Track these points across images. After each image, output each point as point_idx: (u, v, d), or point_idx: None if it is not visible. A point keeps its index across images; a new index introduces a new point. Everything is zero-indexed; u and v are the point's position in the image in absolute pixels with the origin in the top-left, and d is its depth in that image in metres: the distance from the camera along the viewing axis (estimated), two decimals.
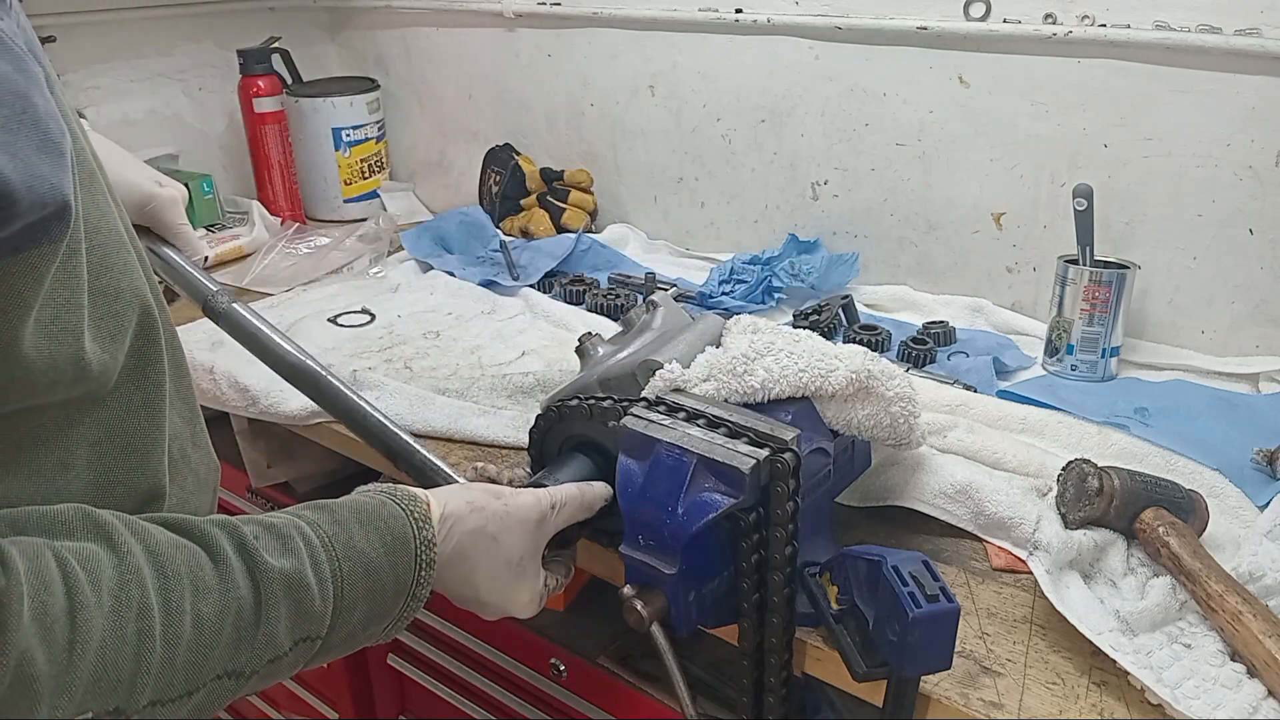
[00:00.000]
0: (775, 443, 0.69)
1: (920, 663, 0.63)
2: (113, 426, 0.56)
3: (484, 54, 1.83)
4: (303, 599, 0.55)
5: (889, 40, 1.34)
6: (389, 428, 0.85)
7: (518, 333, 1.33)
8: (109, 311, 0.54)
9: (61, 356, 0.49)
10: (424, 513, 0.64)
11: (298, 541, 0.56)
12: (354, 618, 0.59)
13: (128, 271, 0.56)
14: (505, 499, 0.69)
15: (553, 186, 1.72)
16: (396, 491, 0.65)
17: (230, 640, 0.51)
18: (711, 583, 0.71)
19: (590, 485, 0.76)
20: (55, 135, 0.45)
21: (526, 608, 0.71)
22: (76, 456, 0.54)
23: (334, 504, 0.62)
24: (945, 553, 0.85)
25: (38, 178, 0.43)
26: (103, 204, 0.56)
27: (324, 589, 0.56)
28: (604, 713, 1.02)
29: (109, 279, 0.54)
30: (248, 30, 1.90)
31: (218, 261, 1.64)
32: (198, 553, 0.52)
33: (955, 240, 1.38)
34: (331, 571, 0.57)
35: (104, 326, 0.53)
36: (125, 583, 0.47)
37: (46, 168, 0.44)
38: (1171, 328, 1.23)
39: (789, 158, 1.50)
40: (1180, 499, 0.82)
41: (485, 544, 0.67)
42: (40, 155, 0.43)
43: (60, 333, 0.49)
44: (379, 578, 0.60)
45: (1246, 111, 1.11)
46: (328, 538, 0.58)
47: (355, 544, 0.59)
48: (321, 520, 0.59)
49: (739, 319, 0.89)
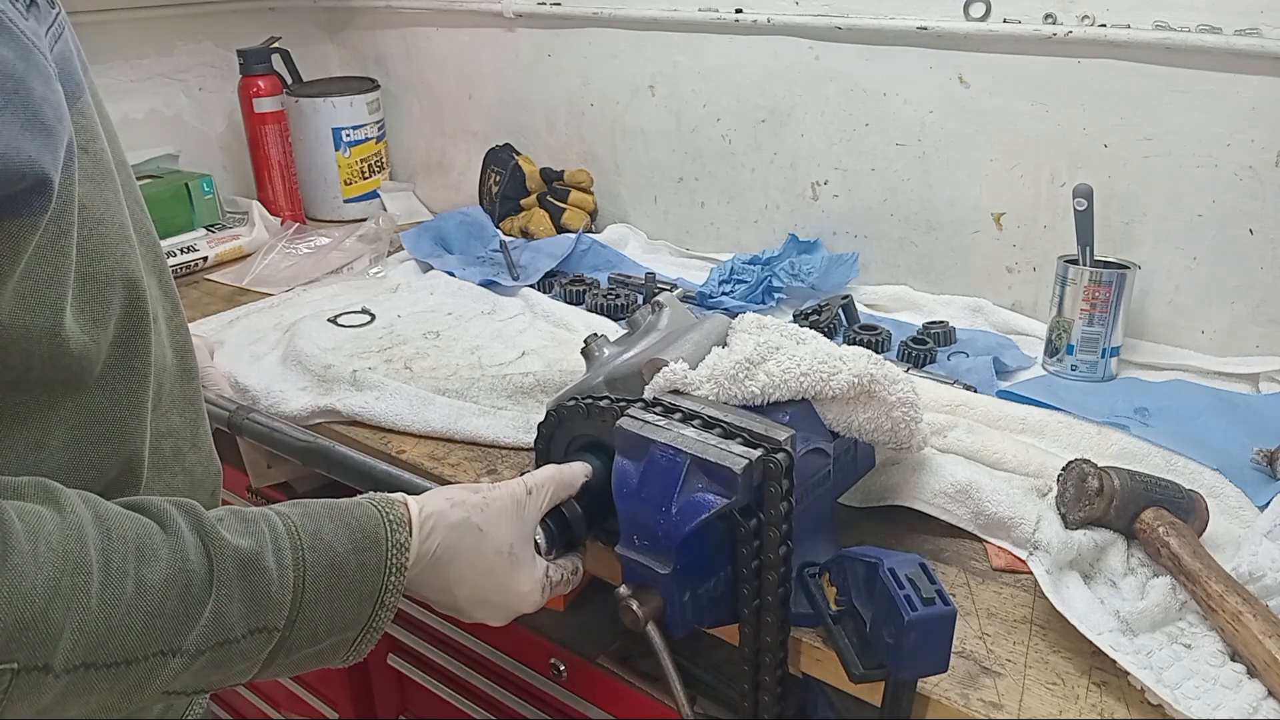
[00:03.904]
0: (769, 443, 0.69)
1: (917, 665, 0.63)
2: (93, 412, 0.56)
3: (484, 54, 1.83)
4: (258, 581, 0.54)
5: (889, 40, 1.34)
6: (401, 476, 0.90)
7: (518, 333, 1.33)
8: (97, 297, 0.55)
9: (37, 328, 0.50)
10: (399, 516, 0.63)
11: (261, 526, 0.56)
12: (316, 614, 0.57)
13: (124, 263, 0.57)
14: (483, 492, 0.70)
15: (553, 186, 1.72)
16: (376, 495, 0.65)
17: (175, 613, 0.50)
18: (707, 583, 0.71)
19: (568, 465, 0.76)
20: (48, 119, 0.47)
21: (529, 598, 0.71)
22: (52, 438, 0.54)
23: (310, 500, 0.61)
24: (945, 553, 0.85)
25: (16, 150, 0.45)
26: (112, 201, 0.57)
27: (284, 575, 0.55)
28: (604, 713, 1.01)
29: (102, 266, 0.55)
30: (248, 30, 1.90)
31: (218, 262, 1.64)
32: (148, 524, 0.52)
33: (955, 240, 1.37)
34: (294, 560, 0.56)
35: (89, 310, 0.54)
36: (66, 538, 0.47)
37: (28, 144, 0.45)
38: (1171, 328, 1.23)
39: (789, 158, 1.50)
40: (1180, 499, 0.82)
41: (472, 536, 0.67)
42: (24, 133, 0.45)
43: (39, 305, 0.50)
44: (345, 574, 0.59)
45: (1246, 111, 1.11)
46: (295, 526, 0.57)
47: (323, 536, 0.58)
48: (292, 512, 0.59)
49: (744, 317, 0.89)
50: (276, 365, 1.23)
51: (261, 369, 1.22)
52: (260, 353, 1.27)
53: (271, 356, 1.26)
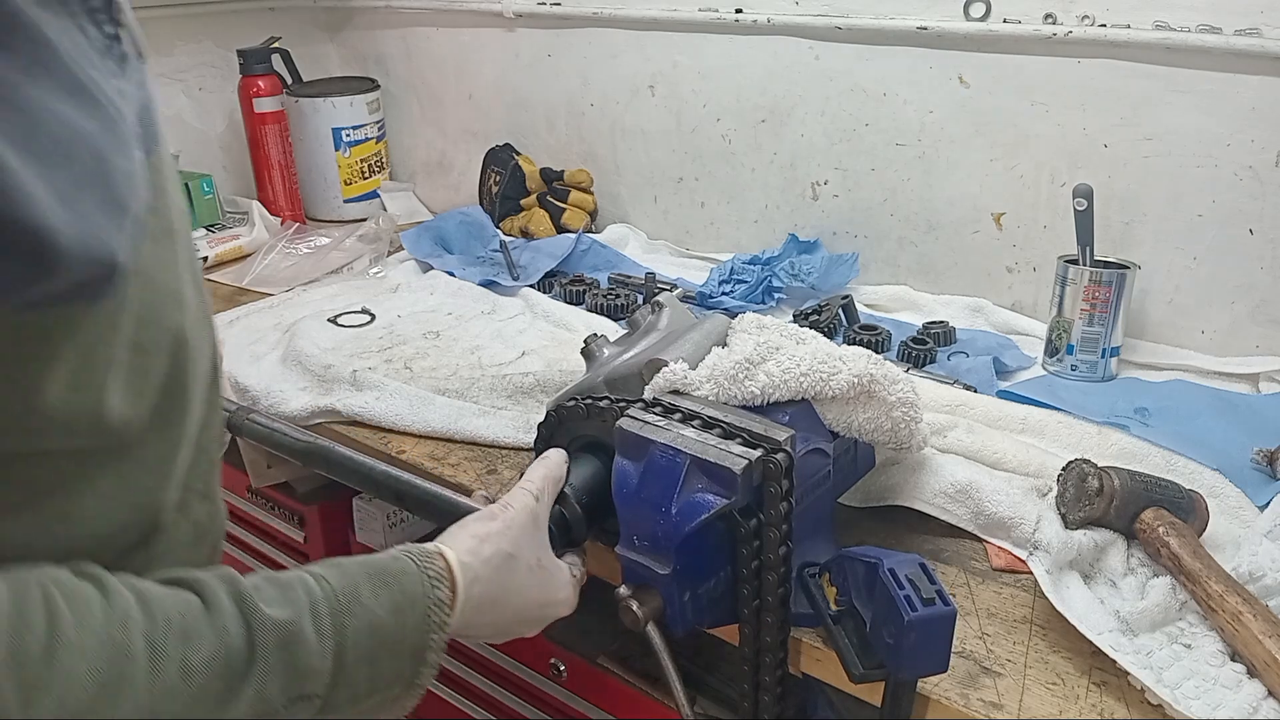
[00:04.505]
0: (768, 443, 0.69)
1: (916, 665, 0.63)
2: (125, 480, 0.54)
3: (484, 54, 1.83)
4: (299, 652, 0.53)
5: (889, 40, 1.34)
6: (401, 476, 0.89)
7: (518, 333, 1.33)
8: (143, 366, 0.52)
9: (83, 408, 0.48)
10: (439, 571, 0.62)
11: (298, 592, 0.55)
12: (358, 677, 0.56)
13: (174, 326, 0.55)
14: (499, 516, 0.69)
15: (553, 186, 1.72)
16: (412, 549, 0.63)
17: (219, 692, 0.49)
18: (707, 583, 0.71)
19: (549, 459, 0.76)
20: (124, 197, 0.45)
21: (566, 602, 0.72)
22: (82, 509, 0.52)
23: (345, 559, 0.60)
24: (945, 553, 0.85)
25: (93, 236, 0.43)
26: (169, 259, 0.54)
27: (323, 642, 0.54)
28: (604, 713, 1.01)
29: (152, 333, 0.52)
30: (248, 30, 1.90)
31: (217, 262, 1.64)
32: (191, 601, 0.50)
33: (955, 240, 1.37)
34: (334, 625, 0.55)
35: (133, 381, 0.51)
36: (111, 625, 0.46)
37: (105, 226, 0.44)
38: (1171, 328, 1.23)
39: (789, 158, 1.50)
40: (1180, 499, 0.82)
41: (508, 565, 0.67)
42: (101, 213, 0.44)
43: (87, 385, 0.48)
44: (384, 636, 0.57)
45: (1246, 111, 1.11)
46: (332, 590, 0.56)
47: (361, 598, 0.57)
48: (328, 574, 0.57)
49: (744, 317, 0.89)
50: (276, 365, 1.23)
51: (261, 369, 1.22)
52: (260, 353, 1.27)
53: (271, 356, 1.26)
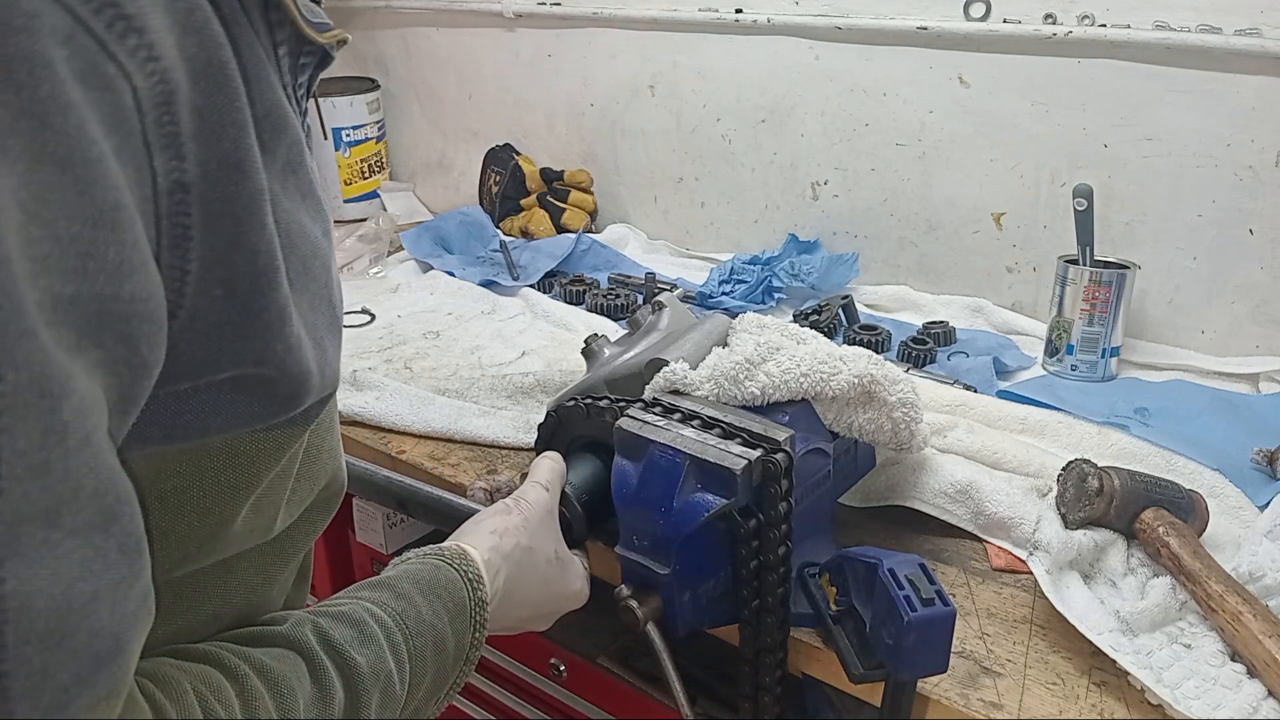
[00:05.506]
0: (768, 444, 0.69)
1: (916, 666, 0.63)
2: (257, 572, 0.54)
3: (484, 54, 1.83)
4: (388, 689, 0.53)
5: (889, 40, 1.34)
6: (394, 479, 0.90)
7: (518, 333, 1.33)
8: (305, 494, 0.53)
9: (259, 528, 0.49)
10: (476, 573, 0.63)
11: (373, 629, 0.54)
12: (423, 690, 0.57)
13: (334, 456, 0.55)
14: (515, 510, 0.69)
15: (553, 186, 1.72)
16: (445, 552, 0.63)
17: None
18: (707, 583, 0.71)
19: (548, 457, 0.77)
20: (340, 311, 0.45)
21: (580, 593, 0.73)
22: (230, 607, 0.52)
23: (392, 578, 0.59)
24: (945, 553, 0.85)
25: (329, 366, 0.43)
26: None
27: (402, 672, 0.55)
28: (604, 713, 1.01)
29: (316, 465, 0.52)
30: None
31: None
32: (296, 660, 0.50)
33: (955, 240, 1.37)
34: (408, 653, 0.55)
35: (295, 501, 0.52)
36: (250, 707, 0.45)
37: (333, 349, 0.43)
38: (1171, 328, 1.23)
39: (789, 158, 1.50)
40: (1180, 499, 0.82)
41: (527, 559, 0.67)
42: (329, 337, 0.43)
43: (268, 506, 0.48)
44: (445, 648, 0.58)
45: (1246, 111, 1.11)
46: (398, 616, 0.56)
47: (423, 617, 0.57)
48: (387, 599, 0.57)
49: (744, 317, 0.89)
50: None
51: None
52: None
53: None
